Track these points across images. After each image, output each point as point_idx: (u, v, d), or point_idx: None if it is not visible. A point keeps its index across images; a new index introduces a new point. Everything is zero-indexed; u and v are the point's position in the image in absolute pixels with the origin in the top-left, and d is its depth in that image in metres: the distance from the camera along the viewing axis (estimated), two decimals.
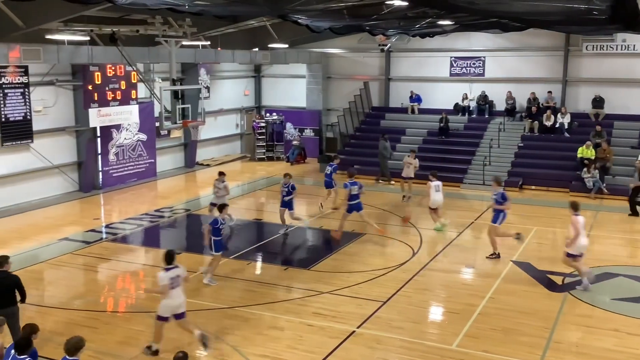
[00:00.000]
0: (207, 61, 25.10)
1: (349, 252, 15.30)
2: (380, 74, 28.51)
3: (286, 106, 29.91)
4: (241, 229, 17.69)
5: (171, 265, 9.83)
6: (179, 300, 9.87)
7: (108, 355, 9.91)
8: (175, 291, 9.77)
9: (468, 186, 22.56)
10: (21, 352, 7.44)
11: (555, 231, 17.63)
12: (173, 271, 9.80)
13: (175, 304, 9.85)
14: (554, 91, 25.15)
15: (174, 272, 9.79)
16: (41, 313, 11.56)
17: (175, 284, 9.78)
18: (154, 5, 13.96)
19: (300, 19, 17.35)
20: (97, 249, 15.58)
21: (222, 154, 28.90)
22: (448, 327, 11.15)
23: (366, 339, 10.57)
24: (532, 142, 24.34)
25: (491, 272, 13.94)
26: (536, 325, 11.15)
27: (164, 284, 9.68)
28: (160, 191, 22.66)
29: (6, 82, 18.56)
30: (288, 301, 12.20)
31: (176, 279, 9.79)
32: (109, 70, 21.00)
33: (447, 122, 25.56)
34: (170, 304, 9.80)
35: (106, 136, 22.15)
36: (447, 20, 19.39)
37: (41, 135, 19.93)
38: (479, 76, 26.64)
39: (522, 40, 25.10)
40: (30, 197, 19.84)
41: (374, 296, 12.39)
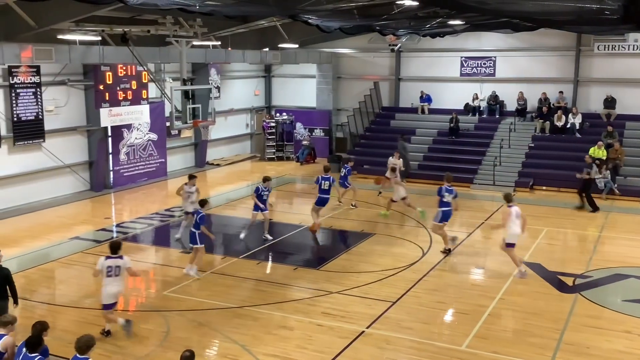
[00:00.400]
0: (218, 61, 25.17)
1: (358, 252, 15.30)
2: (390, 74, 28.48)
3: (296, 106, 29.94)
4: (251, 228, 17.72)
5: (114, 255, 10.40)
6: (115, 289, 10.41)
7: (118, 354, 9.96)
8: (111, 279, 10.35)
9: (478, 186, 22.48)
10: (32, 350, 7.50)
11: (567, 232, 17.54)
12: (113, 260, 10.37)
13: (112, 292, 10.40)
14: (565, 91, 25.03)
15: (113, 262, 10.37)
16: (52, 311, 11.65)
17: (113, 272, 10.34)
18: (165, 5, 14.02)
19: (311, 19, 17.37)
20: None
21: (232, 153, 28.97)
22: (458, 327, 11.13)
23: (375, 339, 10.56)
24: (543, 142, 24.22)
25: (501, 272, 13.89)
26: (546, 326, 11.10)
27: (97, 269, 10.44)
28: (171, 191, 22.65)
29: (18, 81, 18.70)
30: (297, 301, 12.22)
31: (114, 268, 10.35)
32: (120, 70, 21.11)
33: (457, 122, 25.49)
34: (107, 291, 10.37)
35: (117, 136, 22.27)
36: (458, 20, 19.35)
37: (53, 135, 20.07)
38: (489, 76, 26.54)
39: (533, 40, 24.99)
40: (42, 196, 19.99)
41: (384, 296, 12.38)
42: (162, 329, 10.92)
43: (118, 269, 10.39)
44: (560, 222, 18.39)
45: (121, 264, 10.41)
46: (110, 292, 10.40)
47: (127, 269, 10.52)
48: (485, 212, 19.21)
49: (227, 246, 16.07)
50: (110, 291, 10.39)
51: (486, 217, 18.57)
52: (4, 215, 18.33)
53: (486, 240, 16.74)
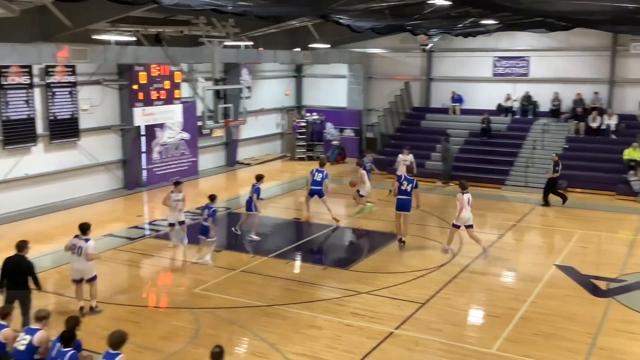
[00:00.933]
0: (249, 61, 25.32)
1: (388, 253, 15.25)
2: (421, 74, 28.32)
3: (327, 106, 29.96)
4: (280, 228, 17.82)
5: (82, 236, 11.29)
6: (76, 266, 11.32)
7: (150, 350, 10.11)
8: (75, 257, 11.26)
9: (510, 188, 22.22)
10: (66, 345, 7.65)
11: (601, 235, 17.24)
12: (77, 240, 11.27)
13: (76, 269, 11.35)
14: (600, 92, 24.58)
15: (77, 241, 11.27)
16: (86, 307, 11.84)
17: (75, 251, 11.23)
18: (198, 5, 14.19)
19: (342, 19, 17.39)
20: (140, 246, 15.90)
21: (263, 153, 29.13)
22: (488, 330, 11.02)
23: (404, 341, 10.52)
24: (578, 143, 23.83)
25: (533, 275, 13.71)
26: (579, 330, 10.93)
27: (67, 244, 11.41)
28: (202, 189, 22.93)
29: (54, 81, 19.10)
30: (326, 301, 12.23)
31: (77, 248, 11.20)
32: (153, 70, 21.40)
33: (489, 123, 25.22)
34: (70, 267, 11.47)
35: (150, 135, 22.58)
36: (491, 20, 19.17)
37: (88, 134, 20.44)
38: (522, 76, 26.22)
39: (568, 39, 24.61)
40: (77, 193, 20.36)
41: (413, 297, 12.32)
42: (192, 326, 11.05)
43: (80, 249, 11.19)
44: (594, 224, 18.08)
45: (82, 245, 11.19)
46: (76, 268, 11.36)
47: (86, 254, 11.19)
48: (516, 214, 18.98)
49: (257, 245, 16.16)
50: (76, 267, 11.35)
51: (518, 219, 18.34)
52: (39, 212, 18.73)
53: (517, 242, 16.54)
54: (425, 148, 25.28)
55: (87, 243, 11.22)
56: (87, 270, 11.41)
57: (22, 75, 18.07)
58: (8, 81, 17.76)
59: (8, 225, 17.19)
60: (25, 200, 18.87)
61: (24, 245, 10.45)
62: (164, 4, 12.71)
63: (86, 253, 11.17)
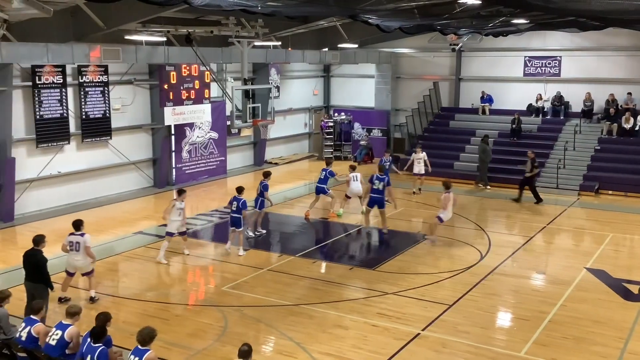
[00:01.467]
0: (278, 61, 25.43)
1: (415, 254, 15.19)
2: (450, 73, 28.11)
3: (354, 106, 29.92)
4: (307, 227, 17.85)
5: (76, 232, 11.74)
6: (76, 262, 11.78)
7: (178, 347, 10.21)
8: (74, 253, 11.73)
9: (540, 189, 21.87)
10: (96, 340, 7.76)
11: (633, 238, 16.92)
12: (74, 237, 11.73)
13: (74, 264, 11.84)
14: (634, 92, 24.10)
15: (73, 238, 11.73)
16: (116, 303, 12.05)
17: (74, 247, 11.70)
18: (228, 6, 14.29)
19: (371, 18, 17.35)
20: (170, 243, 16.04)
21: (291, 152, 29.21)
22: (517, 333, 10.90)
23: (431, 342, 10.47)
24: (610, 145, 23.42)
25: (563, 278, 13.52)
26: (610, 335, 10.75)
27: (63, 243, 11.89)
28: (230, 188, 23.03)
29: (87, 80, 19.42)
30: (353, 301, 12.23)
31: (74, 244, 11.70)
32: (184, 70, 21.62)
33: (519, 124, 24.92)
34: (69, 261, 11.90)
35: (180, 134, 22.81)
36: (522, 19, 18.94)
37: (119, 133, 20.74)
38: (554, 76, 25.86)
39: (600, 39, 24.20)
40: (108, 191, 20.67)
41: (440, 299, 12.25)
42: (220, 323, 11.14)
43: (78, 244, 11.69)
44: (627, 227, 17.75)
45: (80, 241, 11.70)
46: (76, 264, 11.85)
47: (85, 247, 11.68)
48: (547, 216, 18.73)
49: (284, 244, 16.22)
50: (76, 262, 11.81)
51: (548, 221, 18.10)
52: (71, 210, 19.03)
53: (547, 244, 16.32)
54: (454, 149, 25.11)
55: (83, 237, 11.72)
56: (86, 265, 11.91)
57: (56, 75, 18.41)
58: (42, 80, 18.11)
59: (40, 222, 17.53)
60: (57, 198, 19.23)
61: (40, 239, 10.76)
62: (194, 5, 12.83)
63: (85, 247, 11.67)
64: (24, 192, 18.35)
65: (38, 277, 10.55)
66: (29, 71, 17.89)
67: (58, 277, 13.05)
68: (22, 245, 13.24)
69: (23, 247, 11.57)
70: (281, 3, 15.22)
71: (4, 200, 17.64)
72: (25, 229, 16.87)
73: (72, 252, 11.76)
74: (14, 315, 9.90)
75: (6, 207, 17.68)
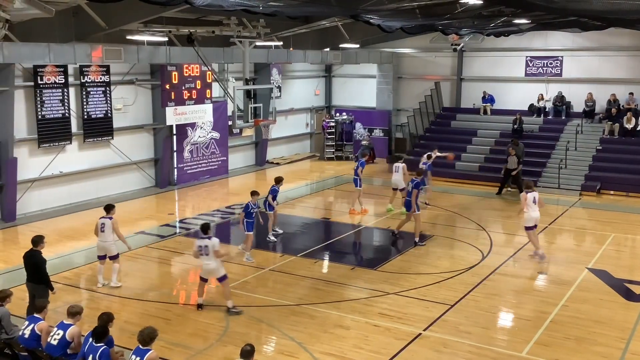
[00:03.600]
0: (280, 61, 25.44)
1: (416, 254, 15.18)
2: (452, 74, 28.10)
3: (356, 106, 29.93)
4: (309, 227, 17.86)
5: (204, 236, 11.49)
6: (208, 266, 11.43)
7: (179, 347, 10.22)
8: (204, 257, 11.40)
9: (542, 190, 21.83)
10: (98, 340, 7.76)
11: (635, 238, 16.91)
12: (202, 241, 11.41)
13: (206, 269, 11.49)
14: (635, 93, 24.08)
15: (202, 242, 11.40)
16: (117, 303, 12.06)
17: (204, 252, 11.35)
18: (230, 6, 14.30)
19: (372, 19, 17.35)
20: (171, 243, 16.10)
21: (292, 152, 29.22)
22: (518, 333, 10.89)
23: (433, 342, 10.47)
24: (612, 145, 23.40)
25: (565, 279, 13.51)
26: (611, 335, 10.74)
27: (193, 249, 11.62)
28: (232, 188, 23.15)
29: (89, 80, 19.44)
30: (354, 301, 12.23)
31: (204, 248, 11.33)
32: (185, 70, 21.63)
33: (521, 124, 24.91)
34: (203, 267, 11.54)
35: (181, 134, 22.83)
36: (524, 19, 18.92)
37: (121, 133, 20.76)
38: (556, 76, 25.84)
39: (602, 39, 24.18)
40: (110, 191, 20.68)
41: (441, 299, 12.25)
42: (221, 323, 11.15)
43: (207, 248, 11.33)
44: (629, 227, 17.73)
45: (209, 244, 11.34)
46: (208, 269, 11.48)
47: (215, 251, 11.35)
48: (549, 217, 18.69)
49: (285, 244, 16.23)
50: (208, 267, 11.46)
51: (549, 222, 18.09)
52: (74, 209, 19.09)
53: (549, 245, 16.30)
54: (455, 149, 25.01)
55: (211, 240, 11.41)
56: (218, 270, 11.48)
57: (58, 75, 18.43)
58: (44, 80, 18.13)
59: (42, 222, 17.57)
60: (59, 198, 19.26)
61: (38, 240, 10.77)
62: (195, 5, 12.85)
63: (214, 250, 11.34)
64: (26, 192, 18.37)
65: (38, 278, 10.57)
66: (30, 71, 17.91)
67: (60, 277, 13.15)
68: (24, 245, 13.21)
69: (25, 247, 11.55)
70: (283, 3, 15.23)
71: (6, 200, 17.67)
72: (27, 228, 16.89)
73: (202, 256, 11.45)
74: (15, 315, 9.93)
75: (8, 207, 17.70)
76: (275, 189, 16.09)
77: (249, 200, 14.58)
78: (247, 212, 14.42)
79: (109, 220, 12.50)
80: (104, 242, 12.58)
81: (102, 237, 12.54)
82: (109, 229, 12.49)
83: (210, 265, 11.43)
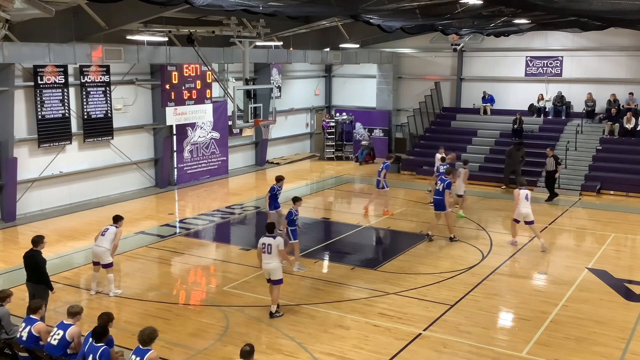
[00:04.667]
0: (280, 61, 25.44)
1: (416, 254, 15.19)
2: (452, 74, 28.10)
3: (356, 106, 29.94)
4: (309, 227, 17.86)
5: (269, 235, 11.47)
6: (268, 265, 11.30)
7: (179, 347, 10.22)
8: (266, 256, 11.30)
9: (542, 189, 21.87)
10: (98, 340, 7.77)
11: (635, 238, 16.90)
12: (266, 238, 11.36)
13: (266, 268, 11.35)
14: (635, 93, 24.08)
15: (266, 239, 11.34)
16: (117, 303, 12.06)
17: (267, 250, 11.28)
18: (230, 6, 14.30)
19: (372, 19, 17.35)
20: (171, 243, 16.10)
21: (292, 152, 29.23)
22: (518, 333, 10.90)
23: (433, 342, 10.47)
24: (612, 145, 23.40)
25: (565, 279, 13.51)
26: (611, 335, 10.75)
27: (258, 247, 11.45)
28: (232, 188, 23.15)
29: (89, 80, 19.44)
30: (354, 301, 12.23)
31: (267, 247, 11.27)
32: (185, 70, 21.64)
33: (521, 124, 24.91)
34: (263, 266, 11.39)
35: (181, 134, 22.83)
36: (524, 19, 18.92)
37: (121, 133, 20.76)
38: (556, 76, 25.84)
39: (602, 39, 24.19)
40: (110, 191, 20.69)
41: (441, 299, 12.25)
42: (221, 323, 11.15)
43: (270, 247, 11.28)
44: (629, 227, 17.73)
45: (272, 243, 11.29)
46: (268, 268, 11.32)
47: (279, 251, 11.34)
48: (548, 216, 18.72)
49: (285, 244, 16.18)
50: (268, 266, 11.32)
51: (550, 222, 18.09)
52: (74, 209, 19.10)
53: (549, 245, 16.29)
54: (455, 149, 25.00)
55: (275, 240, 11.38)
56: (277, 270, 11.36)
57: (58, 75, 18.43)
58: (44, 80, 18.13)
59: (42, 222, 17.58)
60: (59, 198, 19.27)
61: (38, 240, 10.74)
62: (196, 5, 12.85)
63: (279, 251, 11.39)
64: (26, 192, 18.38)
65: (38, 278, 10.56)
66: (30, 71, 17.92)
67: (60, 277, 13.15)
68: (24, 245, 13.23)
69: (25, 247, 11.56)
70: (283, 3, 15.23)
71: (6, 200, 17.67)
72: (27, 229, 16.90)
73: (264, 254, 11.34)
74: (15, 315, 9.93)
75: (8, 207, 17.70)
76: (272, 187, 15.94)
77: (291, 207, 13.78)
78: (290, 219, 13.66)
79: (114, 228, 12.34)
80: (98, 247, 12.24)
81: (100, 241, 12.26)
82: (110, 235, 12.23)
83: (271, 265, 11.29)
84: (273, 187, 15.92)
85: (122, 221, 12.61)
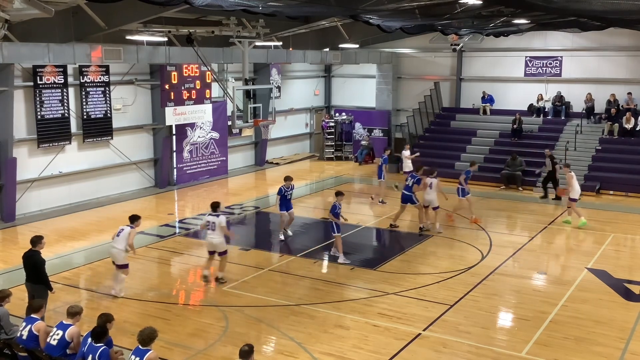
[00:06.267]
0: (279, 61, 25.44)
1: (416, 254, 15.19)
2: (451, 74, 28.10)
3: (355, 106, 29.93)
4: (309, 227, 17.86)
5: (213, 213, 12.97)
6: (212, 239, 12.95)
7: (179, 347, 10.22)
8: (210, 232, 12.92)
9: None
10: (98, 341, 7.77)
11: (634, 238, 16.92)
12: (210, 217, 12.95)
13: (210, 242, 13.03)
14: (634, 92, 24.09)
15: (210, 218, 12.95)
16: (117, 303, 12.05)
17: (210, 227, 12.87)
18: (229, 6, 14.30)
19: (372, 19, 17.35)
20: (171, 243, 16.10)
21: (292, 152, 29.23)
22: (518, 333, 10.90)
23: (432, 342, 10.47)
24: (611, 145, 23.41)
25: (564, 279, 13.53)
26: (611, 335, 10.75)
27: (201, 222, 13.46)
28: (231, 188, 23.14)
29: (88, 80, 19.43)
30: (354, 301, 12.23)
31: (211, 223, 12.85)
32: (185, 70, 21.64)
33: (520, 124, 24.92)
34: (207, 240, 13.16)
35: (181, 134, 22.82)
36: (523, 19, 18.93)
37: (120, 133, 20.75)
38: (555, 76, 25.85)
39: (601, 39, 24.20)
40: (109, 191, 20.68)
41: (441, 299, 12.25)
42: (221, 323, 11.15)
43: (213, 224, 12.81)
44: (628, 227, 17.74)
45: (215, 221, 12.79)
46: (212, 243, 12.99)
47: (221, 227, 12.77)
48: (548, 216, 18.73)
49: (285, 244, 16.21)
50: (212, 241, 12.98)
51: (549, 221, 18.10)
52: (73, 209, 19.09)
53: (548, 245, 16.31)
54: (455, 149, 25.13)
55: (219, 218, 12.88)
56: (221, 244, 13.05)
57: (57, 75, 18.43)
58: (43, 80, 18.12)
59: (41, 223, 17.57)
60: (58, 198, 19.26)
61: (37, 240, 10.71)
62: (195, 5, 12.85)
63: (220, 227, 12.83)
64: (25, 192, 18.37)
65: (37, 278, 10.55)
66: (30, 71, 17.91)
67: (59, 277, 13.14)
68: (24, 245, 13.21)
69: (24, 247, 11.55)
70: (282, 3, 15.23)
71: (6, 200, 17.66)
72: (26, 229, 16.89)
73: (208, 230, 12.94)
74: (15, 315, 9.92)
75: (7, 207, 17.70)
76: (280, 188, 16.02)
77: (334, 201, 14.47)
78: (334, 212, 14.26)
79: (129, 228, 12.25)
80: (113, 247, 12.26)
81: (115, 242, 12.24)
82: (124, 234, 12.15)
83: (215, 240, 12.86)
84: (281, 189, 15.98)
85: (138, 221, 12.46)
